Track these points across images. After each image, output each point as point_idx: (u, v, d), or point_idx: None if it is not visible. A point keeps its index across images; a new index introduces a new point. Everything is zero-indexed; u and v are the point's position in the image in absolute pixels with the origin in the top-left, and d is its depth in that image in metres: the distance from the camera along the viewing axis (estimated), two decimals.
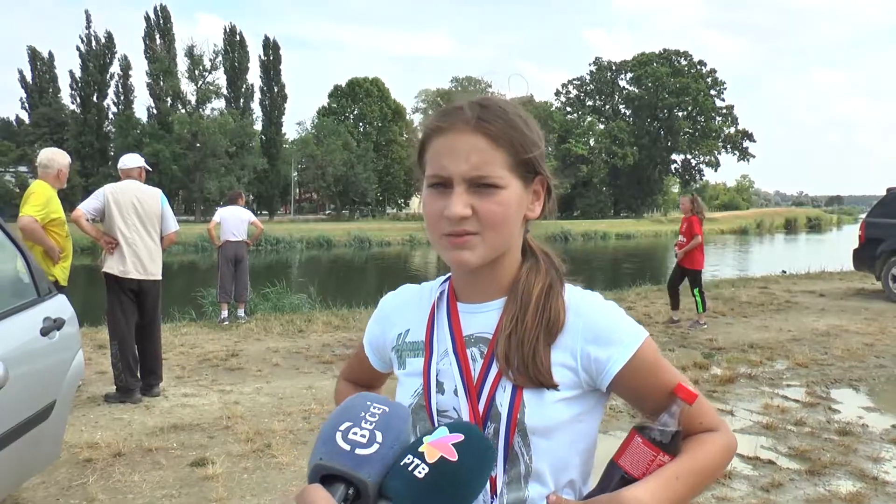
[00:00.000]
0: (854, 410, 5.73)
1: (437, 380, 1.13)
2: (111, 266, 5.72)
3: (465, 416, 1.08)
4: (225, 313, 9.86)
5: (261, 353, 7.72)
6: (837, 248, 24.02)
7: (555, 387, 1.07)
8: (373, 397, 0.85)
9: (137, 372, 5.85)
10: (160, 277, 6.00)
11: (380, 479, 0.80)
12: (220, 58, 61.89)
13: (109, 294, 5.77)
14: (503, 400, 1.07)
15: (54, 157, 5.77)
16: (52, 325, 3.42)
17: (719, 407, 5.69)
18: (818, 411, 5.68)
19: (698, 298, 9.34)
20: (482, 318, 1.15)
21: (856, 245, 12.55)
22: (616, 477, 1.03)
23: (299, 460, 4.49)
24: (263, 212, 66.59)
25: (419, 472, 0.80)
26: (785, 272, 17.11)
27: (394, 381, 1.28)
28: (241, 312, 10.05)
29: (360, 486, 0.78)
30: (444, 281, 1.23)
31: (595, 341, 1.09)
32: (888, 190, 12.29)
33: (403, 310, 1.26)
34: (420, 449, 0.85)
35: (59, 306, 3.67)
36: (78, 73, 58.50)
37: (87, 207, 5.74)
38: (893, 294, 11.63)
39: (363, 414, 0.83)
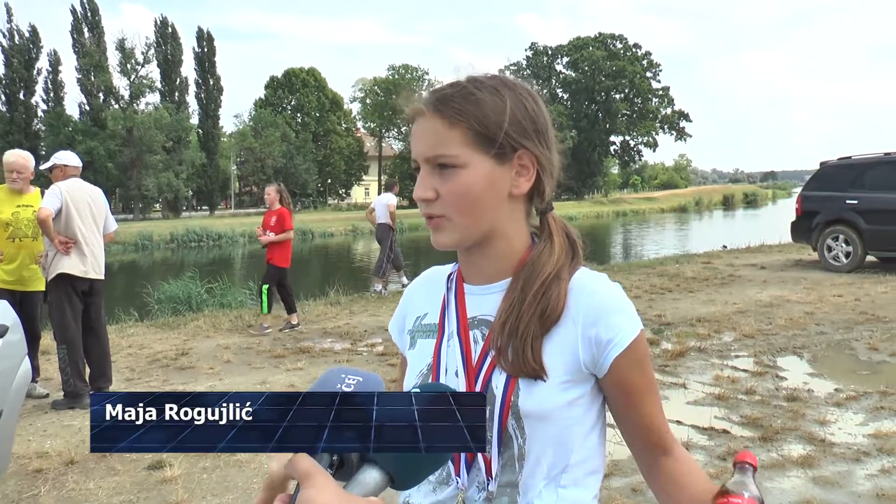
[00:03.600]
0: (800, 377, 5.93)
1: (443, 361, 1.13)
2: (70, 266, 5.50)
3: None
4: (378, 287, 11.55)
5: (211, 350, 7.58)
6: (774, 221, 24.76)
7: (544, 378, 1.05)
8: (347, 370, 0.85)
9: (86, 376, 5.69)
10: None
11: None
12: (152, 51, 60.23)
13: (57, 296, 5.56)
14: (498, 383, 1.06)
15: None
16: None
17: (672, 381, 5.82)
18: (766, 380, 5.85)
19: (265, 298, 8.43)
20: (486, 301, 1.13)
21: (793, 218, 12.94)
22: None
23: (259, 457, 4.42)
24: (203, 207, 65.33)
25: None
26: (726, 247, 17.53)
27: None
28: (402, 277, 11.88)
29: (342, 454, 0.80)
30: (457, 263, 1.22)
31: (597, 322, 1.06)
32: (821, 164, 12.69)
33: (422, 293, 1.24)
34: None
35: (1, 312, 3.54)
36: (2, 70, 56.32)
37: (52, 206, 5.48)
38: (829, 264, 12.04)
39: (339, 386, 0.83)
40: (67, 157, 5.94)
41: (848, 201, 11.80)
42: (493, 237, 1.11)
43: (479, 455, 1.06)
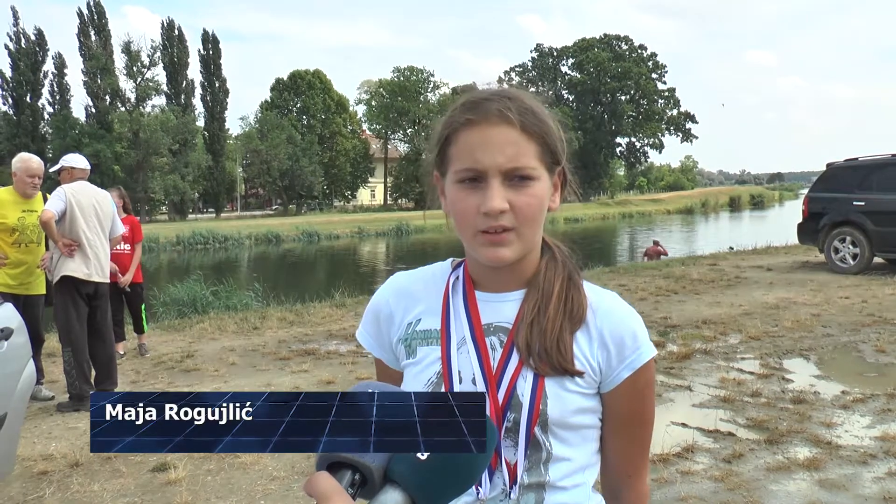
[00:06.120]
0: (806, 379, 5.90)
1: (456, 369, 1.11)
2: (73, 269, 5.51)
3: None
4: None
5: (216, 352, 7.58)
6: (781, 223, 24.71)
7: (580, 374, 1.07)
8: (374, 384, 0.84)
9: (91, 378, 5.69)
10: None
11: (384, 464, 0.80)
12: (158, 53, 60.39)
13: (61, 299, 5.57)
14: (524, 390, 1.06)
15: (13, 162, 5.76)
16: None
17: (677, 383, 5.80)
18: (772, 382, 5.82)
19: (144, 316, 7.69)
20: (502, 308, 1.13)
21: (799, 219, 12.90)
22: None
23: (263, 459, 4.43)
24: (210, 209, 65.47)
25: (422, 455, 0.80)
26: (732, 249, 17.50)
27: None
28: None
29: (365, 472, 0.79)
30: (457, 266, 1.20)
31: (610, 342, 1.10)
32: (828, 165, 12.65)
33: (407, 298, 1.20)
34: None
35: (5, 315, 3.55)
36: (8, 73, 56.52)
37: (55, 209, 5.48)
38: (836, 265, 11.99)
39: None
40: (75, 160, 5.95)
41: (855, 203, 11.76)
42: (533, 250, 1.13)
43: (503, 461, 1.07)
